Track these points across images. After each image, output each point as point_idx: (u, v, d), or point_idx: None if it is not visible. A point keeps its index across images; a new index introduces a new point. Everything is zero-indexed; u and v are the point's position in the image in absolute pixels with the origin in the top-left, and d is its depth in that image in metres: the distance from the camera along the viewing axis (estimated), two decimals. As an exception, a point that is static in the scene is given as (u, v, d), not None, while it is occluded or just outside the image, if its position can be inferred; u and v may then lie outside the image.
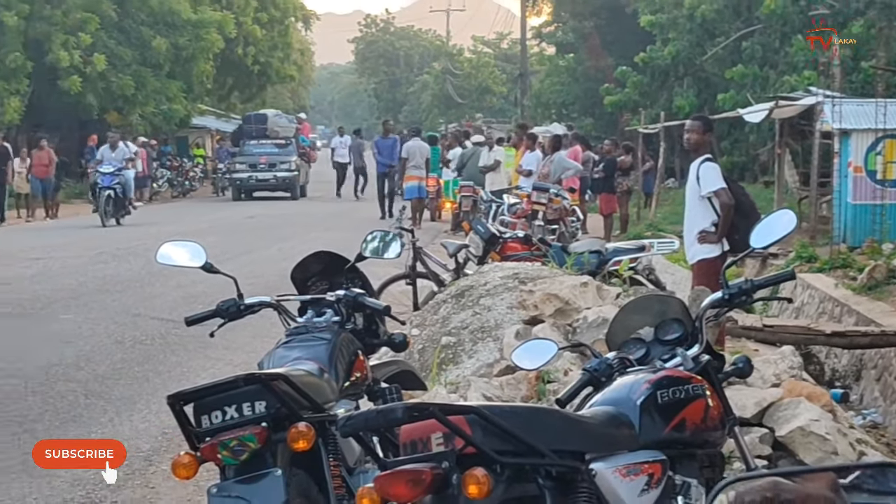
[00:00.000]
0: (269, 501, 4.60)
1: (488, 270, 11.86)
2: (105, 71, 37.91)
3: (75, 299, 14.95)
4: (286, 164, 40.41)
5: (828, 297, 12.47)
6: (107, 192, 25.97)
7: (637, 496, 4.30)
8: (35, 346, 12.00)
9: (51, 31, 36.87)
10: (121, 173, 26.70)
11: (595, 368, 4.88)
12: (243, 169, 40.61)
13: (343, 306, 5.93)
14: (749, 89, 27.75)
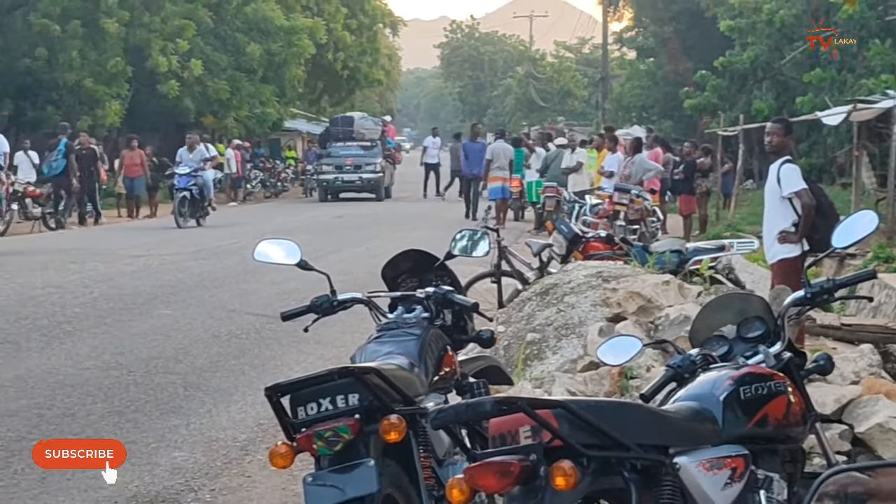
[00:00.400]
0: (362, 490, 4.60)
1: (572, 269, 11.83)
2: (201, 76, 38.21)
3: (174, 295, 15.05)
4: (371, 166, 39.81)
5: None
6: (182, 194, 25.21)
7: (720, 490, 4.26)
8: (136, 339, 12.08)
9: (150, 38, 37.09)
10: (198, 174, 25.70)
11: (678, 365, 4.85)
12: (329, 170, 40.21)
13: (432, 303, 5.91)
14: (827, 93, 27.40)
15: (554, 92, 79.88)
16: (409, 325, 5.77)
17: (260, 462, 7.66)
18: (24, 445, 8.02)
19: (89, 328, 12.87)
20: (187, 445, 8.22)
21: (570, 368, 8.42)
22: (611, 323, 9.02)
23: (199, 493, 7.22)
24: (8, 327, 12.54)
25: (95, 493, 7.12)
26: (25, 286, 15.74)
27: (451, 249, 6.66)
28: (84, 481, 7.39)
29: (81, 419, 8.91)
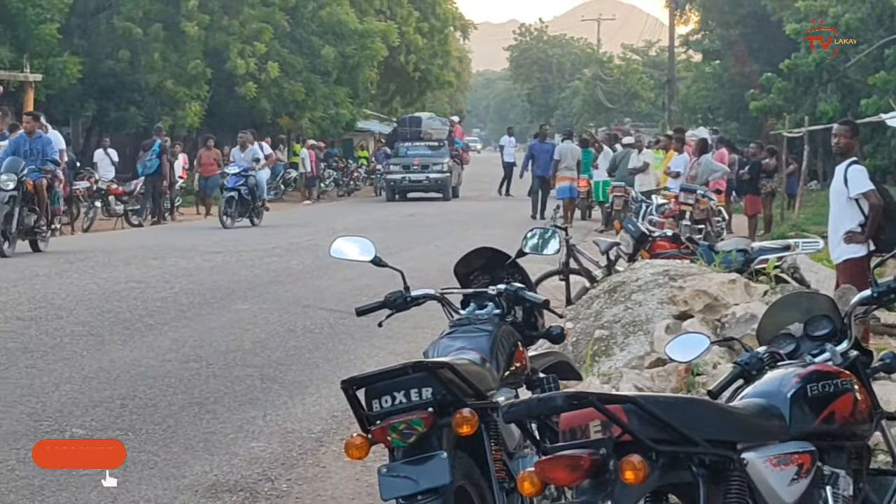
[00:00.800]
0: (435, 482, 4.59)
1: (639, 267, 11.81)
2: (278, 78, 38.66)
3: (250, 290, 15.15)
4: (439, 166, 39.53)
5: (966, 296, 12.38)
6: (229, 194, 23.94)
7: (787, 485, 4.22)
8: (215, 333, 12.19)
9: (229, 41, 37.54)
10: (249, 174, 24.25)
11: (746, 362, 4.80)
12: (397, 170, 39.98)
13: (504, 300, 5.90)
14: (891, 95, 27.10)
15: (621, 94, 79.45)
16: (480, 322, 5.73)
17: (334, 453, 7.67)
18: (109, 435, 8.07)
19: (170, 322, 12.97)
20: (264, 436, 8.28)
21: (638, 365, 8.39)
22: (677, 321, 9.01)
23: (276, 483, 7.27)
24: (92, 321, 12.59)
25: (177, 481, 7.18)
26: (109, 281, 15.88)
27: (523, 247, 6.58)
28: (167, 469, 7.44)
29: (163, 409, 8.98)
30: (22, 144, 17.54)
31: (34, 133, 18.09)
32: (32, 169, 17.41)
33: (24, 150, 17.69)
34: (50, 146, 18.24)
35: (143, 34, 35.52)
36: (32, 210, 17.54)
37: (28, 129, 18.04)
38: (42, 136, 18.39)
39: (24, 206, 17.35)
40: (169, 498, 6.89)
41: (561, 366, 6.39)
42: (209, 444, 8.07)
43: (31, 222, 17.47)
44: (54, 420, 8.46)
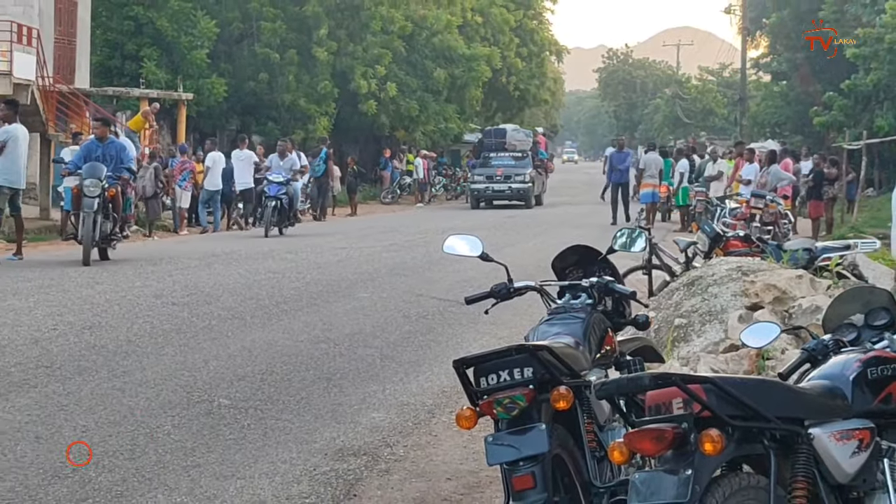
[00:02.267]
0: (535, 450, 4.70)
1: (714, 264, 11.86)
2: (396, 96, 39.66)
3: (371, 281, 15.39)
4: (521, 176, 37.68)
5: None
6: (273, 203, 21.26)
7: (849, 457, 4.27)
8: (340, 317, 12.40)
9: (353, 65, 38.62)
10: (289, 184, 21.72)
11: (813, 348, 4.88)
12: (480, 180, 38.69)
13: (595, 291, 5.99)
14: None
15: (697, 110, 79.30)
16: (575, 310, 5.84)
17: (444, 423, 7.85)
18: (251, 405, 8.33)
19: (302, 307, 13.21)
20: (384, 408, 8.42)
21: (713, 350, 8.45)
22: (749, 311, 9.03)
23: (394, 449, 7.40)
24: (236, 306, 12.90)
25: (309, 445, 7.34)
26: (251, 272, 16.21)
27: (613, 245, 6.71)
28: (300, 435, 7.61)
29: (296, 383, 9.13)
30: (94, 150, 15.46)
31: (105, 138, 15.74)
32: (108, 175, 15.10)
33: (95, 155, 15.30)
34: (125, 152, 15.97)
35: (279, 59, 36.71)
36: (107, 217, 15.21)
37: (99, 135, 15.71)
38: (115, 142, 16.15)
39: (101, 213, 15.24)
40: (302, 460, 7.02)
41: (645, 350, 6.46)
42: (336, 414, 8.24)
43: (108, 229, 15.18)
44: (204, 391, 8.60)
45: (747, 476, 4.29)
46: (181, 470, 6.62)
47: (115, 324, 11.35)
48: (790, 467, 4.26)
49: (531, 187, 37.32)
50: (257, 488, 6.43)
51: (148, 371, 9.29)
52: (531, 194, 37.29)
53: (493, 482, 5.88)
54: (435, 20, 42.64)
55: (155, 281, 15.01)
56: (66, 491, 6.15)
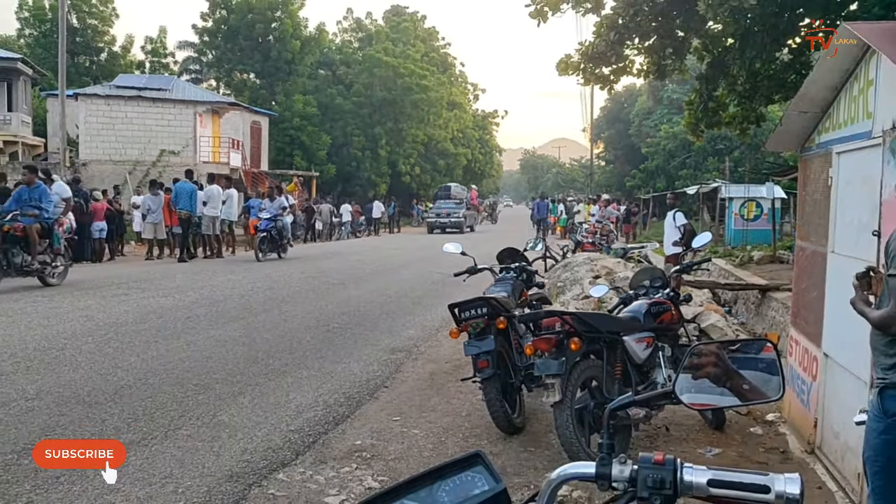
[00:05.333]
0: (488, 347, 5.47)
1: (577, 256, 13.38)
2: (419, 174, 50.38)
3: (408, 266, 17.52)
4: (457, 214, 39.34)
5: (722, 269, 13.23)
6: (262, 234, 19.37)
7: (643, 350, 5.14)
8: (393, 283, 13.98)
9: (398, 158, 47.78)
10: (277, 219, 19.76)
11: (624, 298, 5.77)
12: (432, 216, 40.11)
13: (518, 270, 7.05)
14: None
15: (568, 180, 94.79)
16: (507, 280, 6.83)
17: (444, 336, 8.83)
18: (347, 327, 9.40)
19: (373, 278, 14.84)
20: (414, 327, 9.58)
21: (575, 299, 9.45)
22: (594, 279, 10.16)
23: (419, 347, 8.48)
24: (342, 277, 14.61)
25: (375, 346, 8.38)
26: (349, 260, 18.76)
27: (526, 247, 8.10)
28: (372, 341, 8.55)
29: (372, 316, 10.33)
30: (23, 194, 13.28)
31: (33, 184, 13.36)
32: (25, 214, 12.86)
33: (24, 198, 13.20)
34: (45, 196, 13.33)
35: (361, 155, 44.30)
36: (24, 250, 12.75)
37: (27, 181, 13.46)
38: (40, 186, 13.50)
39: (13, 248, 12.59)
40: (375, 354, 8.05)
41: (543, 299, 7.39)
42: (391, 331, 9.31)
43: (21, 261, 12.72)
44: (324, 320, 9.79)
45: (592, 361, 4.93)
46: (314, 359, 7.57)
47: (280, 287, 12.78)
48: (613, 356, 4.97)
49: (464, 221, 38.34)
50: (353, 368, 7.36)
51: (297, 311, 10.39)
52: (464, 224, 38.17)
53: (467, 364, 6.49)
54: (439, 137, 51.33)
55: (299, 265, 16.93)
56: (261, 367, 7.23)
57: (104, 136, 28.18)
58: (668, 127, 37.50)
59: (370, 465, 4.75)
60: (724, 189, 20.81)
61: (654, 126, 40.46)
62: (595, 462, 1.32)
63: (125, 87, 29.74)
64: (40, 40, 40.36)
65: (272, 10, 41.51)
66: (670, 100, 39.49)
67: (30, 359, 7.03)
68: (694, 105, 12.50)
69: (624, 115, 49.71)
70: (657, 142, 38.29)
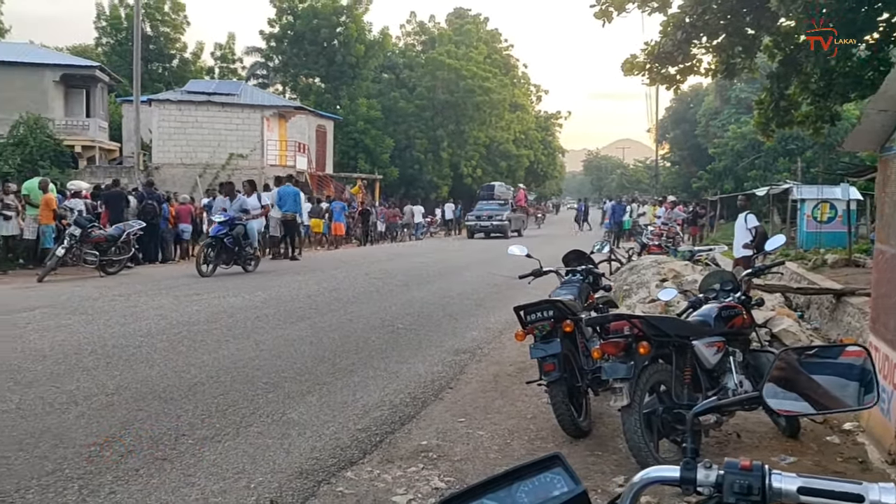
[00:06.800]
0: (555, 351, 5.42)
1: (643, 259, 13.25)
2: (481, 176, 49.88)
3: (468, 268, 17.43)
4: (500, 216, 35.26)
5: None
6: (209, 241, 15.19)
7: (713, 355, 5.04)
8: (455, 285, 13.95)
9: (460, 160, 47.96)
10: (235, 224, 15.50)
11: (694, 301, 5.66)
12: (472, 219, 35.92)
13: (584, 272, 6.98)
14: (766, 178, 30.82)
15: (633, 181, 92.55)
16: (574, 282, 6.77)
17: (507, 338, 8.73)
18: (412, 328, 9.49)
19: (437, 280, 14.83)
20: (477, 330, 9.56)
21: (642, 301, 9.39)
22: (661, 282, 9.97)
23: (482, 349, 8.47)
24: (406, 279, 14.63)
25: (440, 347, 8.42)
26: (412, 262, 18.67)
27: (592, 249, 7.83)
28: (436, 342, 8.60)
29: (435, 318, 10.28)
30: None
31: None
32: None
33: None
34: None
35: (423, 157, 44.71)
36: None
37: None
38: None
39: None
40: (439, 355, 8.07)
41: (609, 302, 7.26)
42: (455, 332, 9.31)
43: None
44: (389, 321, 9.88)
45: (661, 365, 4.86)
46: (380, 359, 7.67)
47: (345, 288, 12.86)
48: (683, 360, 4.89)
49: (508, 224, 34.31)
50: (418, 368, 7.37)
51: (362, 311, 10.45)
52: (508, 228, 34.08)
53: (532, 366, 6.44)
54: (501, 139, 51.43)
55: (366, 266, 17.07)
56: (328, 366, 7.23)
57: (176, 140, 29.06)
58: (737, 127, 36.52)
59: (436, 465, 4.76)
60: (796, 190, 20.33)
61: (721, 126, 39.84)
62: (679, 466, 1.31)
63: (196, 93, 30.64)
64: (116, 48, 41.88)
65: (337, 15, 42.21)
66: (738, 99, 38.48)
67: (109, 355, 7.25)
68: (764, 104, 12.18)
69: (690, 116, 48.80)
70: (725, 142, 37.66)
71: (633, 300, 9.62)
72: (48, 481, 4.16)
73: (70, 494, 3.99)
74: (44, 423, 5.15)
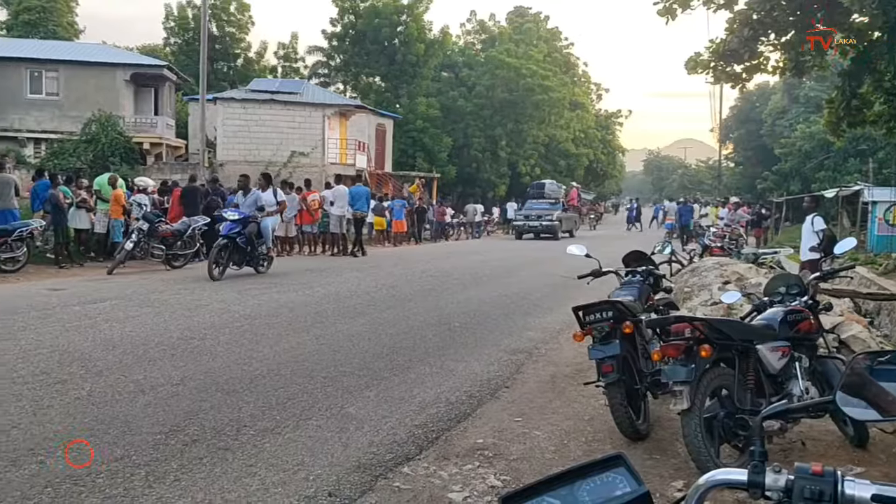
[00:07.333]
0: (614, 352, 5.37)
1: (705, 260, 13.05)
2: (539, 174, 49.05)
3: (525, 268, 17.30)
4: (550, 216, 33.15)
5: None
6: (223, 242, 13.77)
7: (777, 360, 4.94)
8: (513, 285, 13.91)
9: (518, 159, 48.19)
10: (249, 222, 14.26)
11: (758, 305, 5.56)
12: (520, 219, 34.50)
13: (644, 273, 6.91)
14: None
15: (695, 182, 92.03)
16: (634, 283, 6.71)
17: (565, 338, 8.67)
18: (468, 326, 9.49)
19: (493, 280, 14.83)
20: (534, 330, 9.50)
21: (703, 304, 9.25)
22: (723, 285, 9.82)
23: (539, 350, 8.43)
24: (462, 278, 14.63)
25: (496, 347, 8.38)
26: (468, 261, 18.79)
27: (653, 249, 7.80)
28: (493, 342, 8.56)
29: (493, 317, 10.31)
30: None
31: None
32: None
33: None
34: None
35: (481, 156, 44.76)
36: None
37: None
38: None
39: None
40: (495, 354, 8.07)
41: (670, 304, 7.16)
42: (511, 331, 9.27)
43: None
44: (446, 319, 9.86)
45: (723, 369, 4.80)
46: (436, 356, 7.70)
47: (402, 285, 13.02)
48: (746, 365, 4.83)
49: (558, 225, 32.79)
50: (474, 367, 7.39)
51: (419, 308, 10.54)
52: (558, 229, 32.59)
53: (589, 368, 6.51)
54: (561, 138, 51.31)
55: (423, 264, 17.16)
56: (386, 362, 7.24)
57: (240, 138, 29.75)
58: (805, 126, 35.64)
59: (492, 463, 4.77)
60: (867, 192, 19.57)
61: (788, 126, 39.10)
62: (746, 469, 1.29)
63: (259, 91, 31.31)
64: (183, 48, 43.14)
65: (398, 14, 42.59)
66: (807, 98, 37.51)
67: (174, 347, 7.45)
68: (835, 103, 11.82)
69: (755, 115, 47.76)
70: (792, 142, 37.01)
71: (694, 302, 9.49)
72: (117, 467, 4.30)
73: (137, 480, 4.13)
74: (113, 411, 5.33)
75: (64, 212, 15.29)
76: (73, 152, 27.56)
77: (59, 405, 5.42)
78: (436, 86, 44.67)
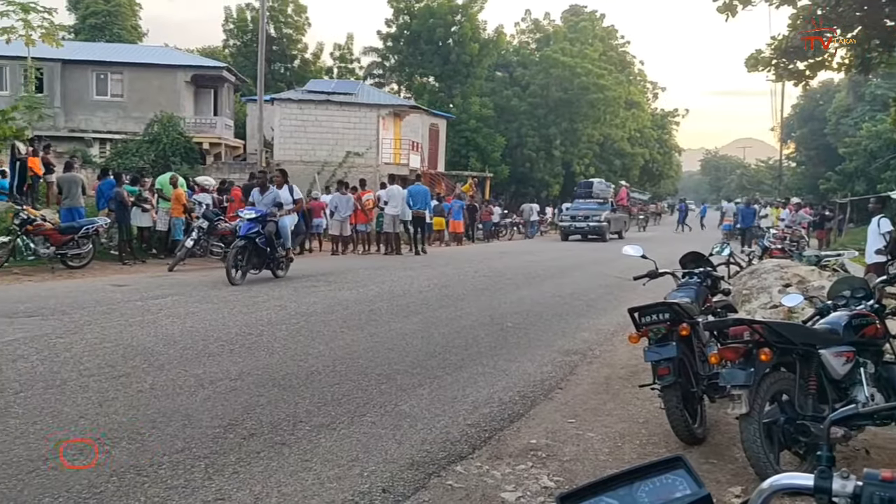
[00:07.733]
0: (670, 354, 5.31)
1: (765, 262, 12.88)
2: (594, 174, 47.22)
3: (578, 268, 17.16)
4: (598, 217, 32.25)
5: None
6: (241, 243, 12.82)
7: (841, 365, 4.88)
8: (566, 285, 13.80)
9: (572, 158, 47.80)
10: (267, 221, 13.30)
11: (821, 308, 5.48)
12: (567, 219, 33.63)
13: (702, 274, 6.81)
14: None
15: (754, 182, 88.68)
16: (691, 284, 6.62)
17: (619, 340, 8.67)
18: (521, 326, 9.47)
19: (547, 280, 14.76)
20: (588, 331, 9.47)
21: (763, 307, 9.08)
22: (784, 287, 9.64)
23: (593, 351, 8.37)
24: (515, 278, 14.55)
25: (549, 348, 8.37)
26: (520, 261, 18.71)
27: (711, 251, 7.69)
28: (546, 342, 8.50)
29: (546, 317, 10.25)
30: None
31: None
32: None
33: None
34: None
35: (535, 155, 44.84)
36: None
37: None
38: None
39: None
40: (549, 355, 8.05)
41: (728, 306, 7.02)
42: (565, 332, 9.24)
43: None
44: (498, 319, 9.88)
45: (783, 373, 4.72)
46: (489, 356, 7.73)
47: (455, 284, 13.07)
48: (807, 369, 4.73)
49: (607, 226, 31.65)
50: (527, 367, 7.35)
51: (471, 308, 10.55)
52: (606, 231, 31.47)
53: (644, 370, 6.51)
54: (616, 137, 50.92)
55: (476, 263, 17.25)
56: (439, 361, 7.30)
57: (296, 138, 30.26)
58: (871, 125, 34.68)
59: (545, 464, 4.77)
60: (937, 193, 18.84)
61: (853, 125, 38.20)
62: (812, 474, 1.25)
63: (315, 92, 31.83)
64: (242, 50, 44.10)
65: (452, 14, 42.78)
66: (874, 96, 36.42)
67: (232, 342, 7.63)
68: (904, 101, 11.41)
69: (819, 113, 46.67)
70: (857, 141, 36.10)
71: (753, 305, 9.38)
72: (178, 458, 4.42)
73: (197, 472, 4.24)
74: (174, 404, 5.47)
75: (128, 210, 15.78)
76: (136, 152, 28.41)
77: (123, 397, 5.58)
78: (489, 85, 44.90)
